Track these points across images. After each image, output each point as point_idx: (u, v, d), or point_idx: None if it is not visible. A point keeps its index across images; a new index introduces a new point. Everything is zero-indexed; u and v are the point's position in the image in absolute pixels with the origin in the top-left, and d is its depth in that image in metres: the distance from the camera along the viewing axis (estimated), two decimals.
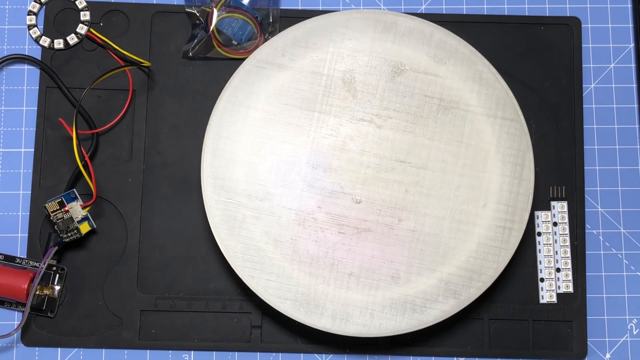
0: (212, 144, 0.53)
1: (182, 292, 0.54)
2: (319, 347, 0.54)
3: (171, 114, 0.56)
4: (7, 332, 0.52)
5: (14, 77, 0.57)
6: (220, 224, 0.52)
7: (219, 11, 0.56)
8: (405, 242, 0.53)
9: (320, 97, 0.54)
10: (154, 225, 0.55)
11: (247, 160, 0.53)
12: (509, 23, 0.57)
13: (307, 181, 0.53)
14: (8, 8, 0.58)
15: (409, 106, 0.54)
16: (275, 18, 0.57)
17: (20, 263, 0.54)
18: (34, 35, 0.57)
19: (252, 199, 0.53)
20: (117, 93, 0.56)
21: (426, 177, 0.53)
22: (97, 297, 0.54)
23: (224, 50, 0.56)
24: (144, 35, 0.57)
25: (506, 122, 0.53)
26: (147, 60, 0.56)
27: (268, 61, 0.54)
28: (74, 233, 0.53)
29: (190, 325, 0.54)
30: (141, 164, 0.56)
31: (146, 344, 0.54)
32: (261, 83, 0.54)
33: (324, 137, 0.54)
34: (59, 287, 0.54)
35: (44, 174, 0.55)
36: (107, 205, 0.55)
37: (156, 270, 0.54)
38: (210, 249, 0.55)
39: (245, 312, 0.54)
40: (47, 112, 0.56)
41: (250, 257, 0.52)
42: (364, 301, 0.52)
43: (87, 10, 0.57)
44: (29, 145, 0.56)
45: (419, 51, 0.55)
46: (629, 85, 0.58)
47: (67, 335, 0.54)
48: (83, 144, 0.55)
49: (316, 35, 0.54)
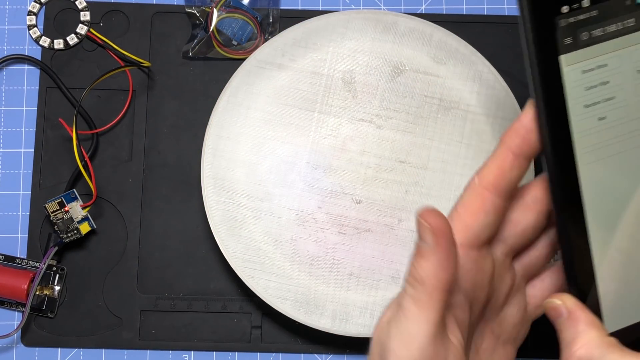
0: (212, 144, 0.53)
1: (182, 292, 0.54)
2: (319, 348, 0.54)
3: (171, 114, 0.56)
4: (7, 332, 0.52)
5: (14, 77, 0.57)
6: (220, 224, 0.52)
7: (219, 11, 0.56)
8: (405, 242, 0.53)
9: (320, 97, 0.54)
10: (154, 225, 0.55)
11: (247, 160, 0.53)
12: (509, 23, 0.57)
13: (307, 181, 0.53)
14: (8, 8, 0.58)
15: (409, 106, 0.54)
16: (275, 18, 0.57)
17: (20, 263, 0.54)
18: (34, 35, 0.57)
19: (252, 199, 0.53)
20: (117, 93, 0.56)
21: (426, 178, 0.53)
22: (97, 297, 0.54)
23: (224, 50, 0.56)
24: (143, 36, 0.57)
25: (506, 123, 0.53)
26: (147, 60, 0.56)
27: (268, 61, 0.54)
28: (74, 233, 0.53)
29: (190, 326, 0.54)
30: (141, 164, 0.56)
31: (146, 344, 0.54)
32: (261, 83, 0.54)
33: (324, 137, 0.54)
34: (59, 288, 0.54)
35: (44, 174, 0.55)
36: (107, 206, 0.55)
37: (156, 270, 0.54)
38: (210, 249, 0.55)
39: (245, 313, 0.54)
40: (47, 113, 0.56)
41: (250, 257, 0.52)
42: (364, 301, 0.52)
43: (87, 11, 0.57)
44: (29, 146, 0.56)
45: (419, 51, 0.55)
46: None
47: (67, 335, 0.54)
48: (83, 144, 0.55)
49: (316, 36, 0.54)
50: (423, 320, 0.32)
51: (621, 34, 0.34)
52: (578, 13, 0.33)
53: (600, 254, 0.35)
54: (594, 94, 0.34)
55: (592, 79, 0.34)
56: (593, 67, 0.34)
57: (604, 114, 0.34)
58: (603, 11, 0.33)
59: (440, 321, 0.33)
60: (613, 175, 0.34)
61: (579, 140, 0.34)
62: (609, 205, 0.34)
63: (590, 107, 0.34)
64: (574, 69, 0.34)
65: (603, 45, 0.34)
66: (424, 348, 0.32)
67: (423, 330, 0.32)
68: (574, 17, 0.33)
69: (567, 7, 0.33)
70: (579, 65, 0.34)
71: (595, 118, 0.34)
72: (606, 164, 0.34)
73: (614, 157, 0.34)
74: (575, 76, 0.34)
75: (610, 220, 0.34)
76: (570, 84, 0.34)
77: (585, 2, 0.33)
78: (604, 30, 0.34)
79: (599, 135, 0.34)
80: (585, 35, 0.34)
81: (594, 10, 0.33)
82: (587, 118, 0.34)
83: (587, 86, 0.34)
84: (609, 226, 0.34)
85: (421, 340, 0.32)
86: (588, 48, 0.34)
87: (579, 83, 0.34)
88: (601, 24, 0.34)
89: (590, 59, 0.34)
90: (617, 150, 0.34)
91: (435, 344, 0.32)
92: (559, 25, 0.33)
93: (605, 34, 0.34)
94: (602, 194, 0.34)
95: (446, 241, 0.33)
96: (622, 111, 0.34)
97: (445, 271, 0.33)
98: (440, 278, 0.33)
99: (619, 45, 0.34)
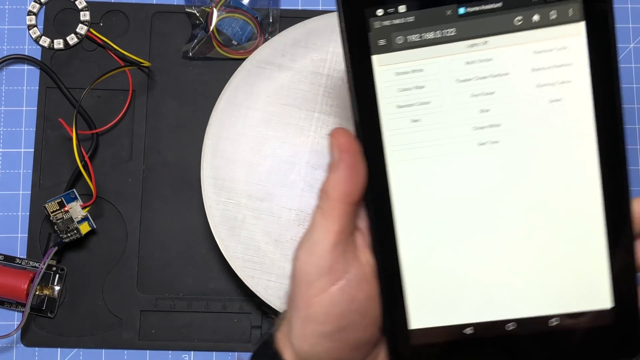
0: (212, 144, 0.53)
1: (182, 292, 0.54)
2: None
3: (171, 114, 0.56)
4: (7, 332, 0.52)
5: (13, 77, 0.57)
6: (220, 224, 0.52)
7: (219, 11, 0.56)
8: None
9: (320, 97, 0.54)
10: (154, 225, 0.55)
11: (247, 160, 0.53)
12: None
13: (307, 181, 0.53)
14: (8, 8, 0.58)
15: None
16: (275, 18, 0.57)
17: (20, 263, 0.54)
18: (34, 35, 0.57)
19: (252, 199, 0.53)
20: (117, 93, 0.56)
21: None
22: (97, 297, 0.54)
23: (224, 50, 0.56)
24: (143, 36, 0.57)
25: None
26: (147, 60, 0.56)
27: (268, 61, 0.54)
28: (73, 233, 0.53)
29: (190, 326, 0.54)
30: (141, 164, 0.56)
31: (146, 344, 0.54)
32: (261, 83, 0.54)
33: (324, 137, 0.54)
34: (58, 288, 0.54)
35: (43, 174, 0.55)
36: (107, 206, 0.55)
37: (156, 271, 0.54)
38: (210, 249, 0.55)
39: (245, 313, 0.54)
40: (47, 112, 0.56)
41: (250, 257, 0.52)
42: None
43: (87, 11, 0.57)
44: (29, 146, 0.56)
45: None
46: (629, 85, 0.58)
47: (67, 335, 0.54)
48: (83, 144, 0.55)
49: (316, 36, 0.54)
50: (325, 230, 0.34)
51: (440, 42, 0.34)
52: (393, 17, 0.34)
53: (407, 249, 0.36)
54: (407, 96, 0.35)
55: (406, 82, 0.35)
56: (407, 71, 0.35)
57: (418, 117, 0.35)
58: (421, 18, 0.34)
59: (342, 231, 0.35)
60: (426, 177, 0.35)
61: (390, 138, 0.35)
62: (419, 204, 0.35)
63: (404, 108, 0.35)
64: (386, 70, 0.35)
65: (419, 50, 0.35)
66: (323, 255, 0.34)
67: (325, 239, 0.34)
68: (389, 21, 0.34)
69: (381, 10, 0.34)
70: (392, 67, 0.35)
71: (409, 119, 0.35)
72: (419, 165, 0.35)
73: (428, 160, 0.35)
74: (388, 77, 0.35)
75: (420, 218, 0.35)
76: (382, 84, 0.35)
77: (401, 8, 0.34)
78: (420, 36, 0.34)
79: (412, 136, 0.35)
80: (400, 40, 0.34)
81: (410, 17, 0.34)
82: (399, 118, 0.35)
83: (401, 88, 0.35)
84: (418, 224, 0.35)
85: (322, 247, 0.34)
86: (403, 52, 0.35)
87: (391, 84, 0.35)
88: (418, 30, 0.34)
89: (405, 62, 0.35)
90: (433, 154, 0.35)
91: (334, 253, 0.34)
92: (373, 26, 0.34)
93: (422, 40, 0.34)
94: (412, 192, 0.35)
95: (350, 156, 0.34)
96: (439, 117, 0.35)
97: (348, 184, 0.34)
98: (343, 190, 0.34)
99: (436, 53, 0.35)
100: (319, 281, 0.34)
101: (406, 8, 0.34)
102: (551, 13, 0.34)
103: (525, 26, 0.34)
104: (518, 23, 0.34)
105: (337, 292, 0.34)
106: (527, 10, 0.34)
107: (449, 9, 0.34)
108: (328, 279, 0.34)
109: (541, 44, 0.34)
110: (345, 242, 0.35)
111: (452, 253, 0.35)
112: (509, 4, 0.34)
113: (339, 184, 0.34)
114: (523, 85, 0.34)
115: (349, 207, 0.35)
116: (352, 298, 0.35)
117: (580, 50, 0.34)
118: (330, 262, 0.34)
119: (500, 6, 0.34)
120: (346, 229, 0.35)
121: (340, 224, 0.35)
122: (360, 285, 0.35)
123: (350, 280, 0.35)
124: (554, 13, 0.34)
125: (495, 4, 0.34)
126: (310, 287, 0.34)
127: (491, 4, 0.34)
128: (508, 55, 0.34)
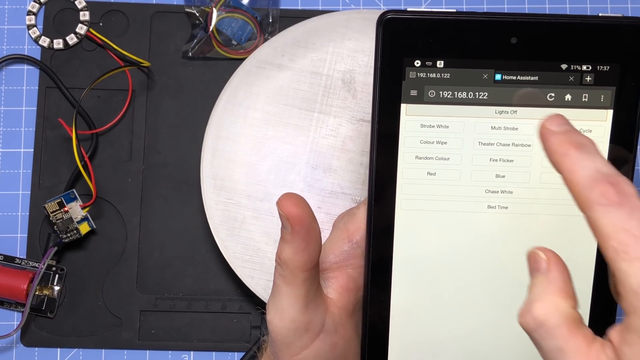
0: (212, 144, 0.53)
1: (182, 293, 0.54)
2: None
3: (171, 114, 0.56)
4: (6, 332, 0.52)
5: (13, 77, 0.57)
6: (220, 224, 0.52)
7: (219, 11, 0.56)
8: None
9: (320, 97, 0.54)
10: (154, 225, 0.55)
11: (247, 160, 0.53)
12: None
13: (307, 181, 0.53)
14: (7, 8, 0.58)
15: None
16: (275, 18, 0.57)
17: (19, 263, 0.54)
18: (34, 35, 0.57)
19: (252, 199, 0.53)
20: (117, 93, 0.56)
21: None
22: (97, 297, 0.54)
23: (224, 50, 0.56)
24: (143, 35, 0.57)
25: None
26: (146, 60, 0.56)
27: (268, 61, 0.54)
28: (73, 233, 0.53)
29: (190, 326, 0.54)
30: (141, 164, 0.56)
31: (146, 344, 0.54)
32: (261, 83, 0.54)
33: (323, 137, 0.54)
34: (58, 288, 0.54)
35: (43, 174, 0.55)
36: (106, 206, 0.55)
37: (156, 271, 0.54)
38: (210, 249, 0.55)
39: (245, 313, 0.54)
40: (46, 112, 0.56)
41: (250, 257, 0.52)
42: None
43: (86, 10, 0.57)
44: (29, 146, 0.56)
45: None
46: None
47: (67, 335, 0.54)
48: (83, 144, 0.55)
49: (316, 35, 0.54)
50: (292, 296, 0.35)
51: (470, 103, 0.35)
52: (430, 71, 0.34)
53: (399, 297, 0.36)
54: (428, 148, 0.35)
55: (430, 135, 0.35)
56: (433, 125, 0.35)
57: (435, 170, 0.35)
58: (457, 77, 0.34)
59: (307, 294, 0.35)
60: (430, 230, 0.36)
61: (403, 186, 0.35)
62: (418, 255, 0.36)
63: (422, 160, 0.35)
64: (412, 120, 0.35)
65: (449, 107, 0.35)
66: (296, 319, 0.35)
67: (293, 304, 0.35)
68: (425, 73, 0.35)
69: (420, 61, 0.34)
70: (419, 118, 0.35)
71: (425, 171, 0.35)
72: (425, 216, 0.36)
73: (436, 213, 0.36)
74: (413, 127, 0.35)
75: (416, 270, 0.36)
76: (405, 133, 0.35)
77: (440, 63, 0.34)
78: (453, 94, 0.35)
79: (425, 188, 0.35)
80: (432, 94, 0.35)
81: (446, 73, 0.34)
82: (416, 169, 0.35)
83: (424, 140, 0.35)
84: (414, 274, 0.36)
85: (292, 312, 0.35)
86: (432, 106, 0.35)
87: (415, 135, 0.35)
88: (451, 88, 0.35)
89: (432, 116, 0.35)
90: (442, 208, 0.36)
91: (307, 313, 0.35)
92: (408, 75, 0.34)
93: (453, 98, 0.35)
94: (414, 242, 0.36)
95: (302, 227, 0.35)
96: (455, 174, 0.35)
97: (304, 254, 0.35)
98: (300, 260, 0.35)
99: (465, 113, 0.35)
100: (299, 341, 0.35)
101: (444, 64, 0.34)
102: (584, 95, 0.34)
103: (556, 103, 0.34)
104: (550, 99, 0.34)
105: (320, 345, 0.36)
106: (560, 88, 0.34)
107: (486, 73, 0.34)
108: (308, 336, 0.35)
109: None
110: (314, 298, 0.36)
111: (441, 310, 0.36)
112: (544, 80, 0.34)
113: (295, 255, 0.35)
114: (542, 159, 0.35)
115: (309, 273, 0.35)
116: (333, 345, 0.36)
117: (604, 136, 0.34)
118: (305, 323, 0.35)
119: (536, 80, 0.34)
120: (311, 288, 0.36)
121: (304, 288, 0.35)
122: (338, 330, 0.36)
123: (328, 329, 0.36)
124: (587, 96, 0.34)
125: (531, 76, 0.34)
126: (290, 348, 0.36)
127: (528, 76, 0.34)
128: (533, 128, 0.34)
